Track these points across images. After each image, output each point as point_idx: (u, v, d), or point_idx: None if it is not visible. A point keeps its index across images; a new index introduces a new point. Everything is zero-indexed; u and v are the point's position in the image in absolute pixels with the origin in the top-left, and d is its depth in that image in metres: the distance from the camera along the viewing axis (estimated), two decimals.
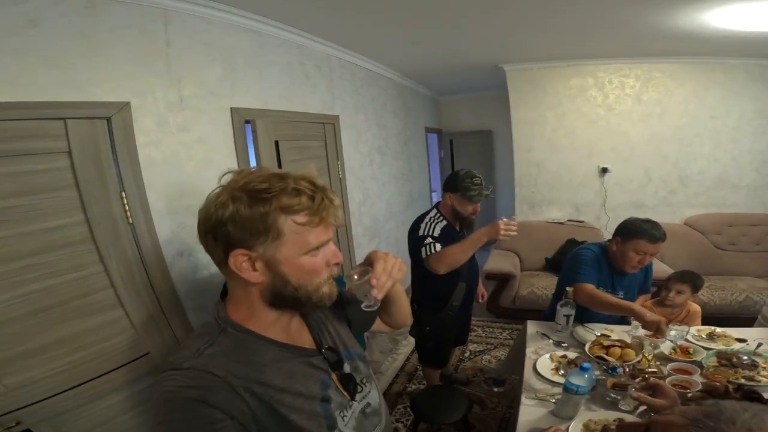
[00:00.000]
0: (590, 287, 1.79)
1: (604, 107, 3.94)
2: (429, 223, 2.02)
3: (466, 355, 3.09)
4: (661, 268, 3.04)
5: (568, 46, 3.35)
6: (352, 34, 2.72)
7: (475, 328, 3.42)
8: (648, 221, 1.82)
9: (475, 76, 4.49)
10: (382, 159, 3.87)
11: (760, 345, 1.61)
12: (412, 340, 2.81)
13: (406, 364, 3.01)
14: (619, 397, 1.33)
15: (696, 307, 2.17)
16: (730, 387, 1.24)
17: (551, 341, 1.81)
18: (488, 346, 3.20)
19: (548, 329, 1.91)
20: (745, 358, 1.50)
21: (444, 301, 2.12)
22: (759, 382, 1.35)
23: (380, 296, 0.73)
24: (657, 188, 3.99)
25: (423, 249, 1.93)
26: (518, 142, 4.23)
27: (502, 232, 1.78)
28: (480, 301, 2.54)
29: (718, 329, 1.82)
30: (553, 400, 1.38)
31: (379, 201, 3.78)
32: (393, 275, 0.75)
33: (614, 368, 1.46)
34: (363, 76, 3.54)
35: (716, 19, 2.50)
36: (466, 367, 2.93)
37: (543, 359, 1.64)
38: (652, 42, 3.15)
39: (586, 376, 1.24)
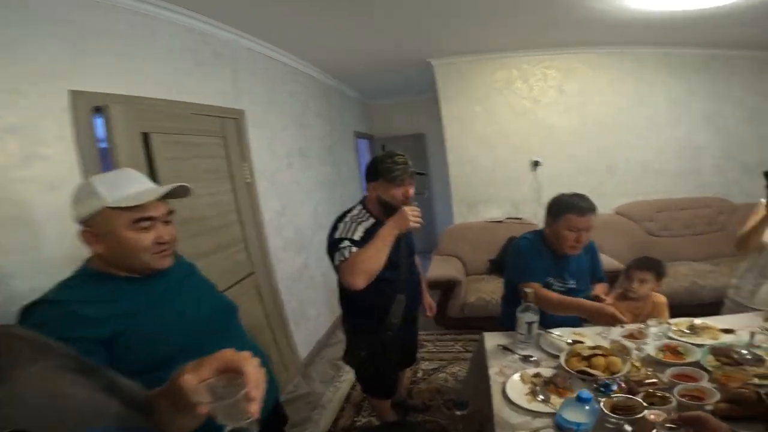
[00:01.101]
0: (535, 287, 1.62)
1: (530, 99, 3.88)
2: (350, 223, 1.62)
3: (419, 375, 2.71)
4: (603, 260, 2.89)
5: (491, 37, 3.26)
6: (264, 22, 2.44)
7: (425, 343, 3.06)
8: (574, 194, 1.71)
9: (405, 76, 4.33)
10: (305, 162, 3.40)
11: (753, 335, 1.37)
12: None
13: (351, 393, 2.60)
14: (623, 423, 0.98)
15: (662, 298, 2.01)
16: (762, 393, 0.94)
17: (517, 356, 1.51)
18: (442, 362, 2.86)
19: (509, 341, 1.60)
20: (745, 352, 1.24)
21: (380, 319, 1.73)
22: None
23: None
24: (587, 179, 3.92)
25: (336, 255, 1.53)
26: (451, 140, 4.04)
27: (412, 220, 1.52)
28: (428, 314, 2.14)
29: (697, 320, 1.60)
30: None
31: (303, 210, 3.29)
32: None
33: (607, 385, 1.11)
34: (280, 70, 3.13)
35: None
36: (421, 390, 2.55)
37: (513, 382, 1.31)
38: (569, 29, 3.11)
39: (587, 408, 0.92)
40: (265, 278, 2.57)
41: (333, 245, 1.56)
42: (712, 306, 2.28)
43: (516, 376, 1.31)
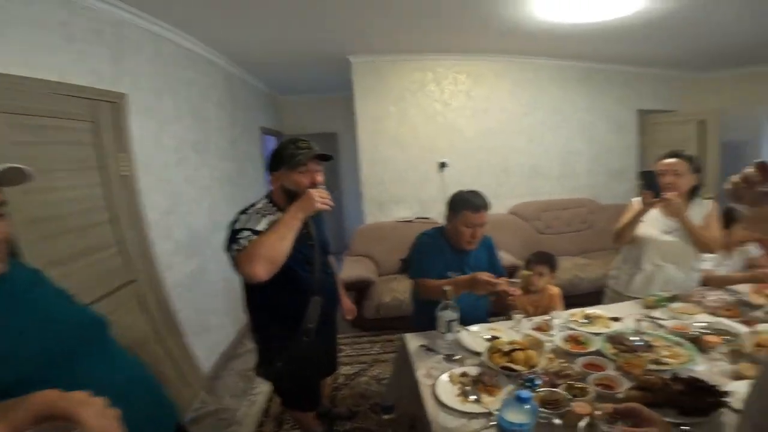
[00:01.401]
0: (422, 281, 1.75)
1: (440, 102, 4.02)
2: (253, 215, 1.44)
3: (340, 381, 2.58)
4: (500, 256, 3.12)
5: (413, 38, 3.28)
6: None
7: (342, 347, 2.95)
8: (471, 192, 1.78)
9: (321, 72, 4.17)
10: (201, 158, 3.02)
11: (639, 322, 1.54)
12: None
13: (270, 406, 2.38)
14: (553, 417, 1.01)
15: (556, 290, 2.19)
16: (665, 378, 1.03)
17: (441, 356, 1.47)
18: (362, 365, 2.78)
19: (431, 340, 1.56)
20: (636, 338, 1.38)
21: (294, 325, 1.56)
22: (669, 364, 1.20)
23: None
24: (488, 180, 4.22)
25: (233, 246, 1.35)
26: (364, 140, 4.00)
27: (318, 201, 1.41)
28: (348, 317, 2.04)
29: (589, 310, 1.75)
30: None
31: (197, 209, 2.91)
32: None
33: (531, 380, 1.13)
34: (176, 54, 2.74)
35: (541, 8, 2.64)
36: (344, 396, 2.43)
37: (442, 384, 1.26)
38: (482, 36, 3.28)
39: (527, 407, 0.89)
40: (149, 286, 2.20)
41: (231, 237, 1.37)
42: (593, 295, 2.58)
43: (444, 377, 1.29)
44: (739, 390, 1.02)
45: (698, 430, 0.92)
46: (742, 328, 1.40)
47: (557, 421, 1.00)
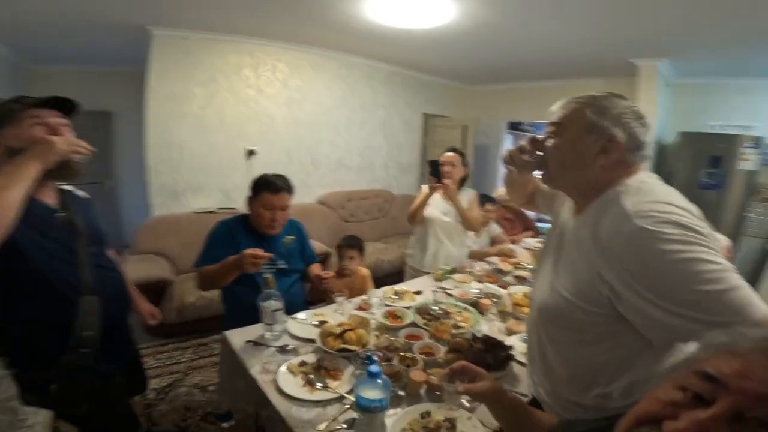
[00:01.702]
0: (203, 269, 1.67)
1: (255, 88, 3.84)
2: None
3: (151, 396, 2.19)
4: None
5: (235, 17, 3.03)
6: None
7: (145, 358, 2.44)
8: (273, 174, 1.79)
9: (100, 41, 3.41)
10: None
11: (435, 293, 1.87)
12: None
13: None
14: (397, 390, 1.15)
15: (366, 271, 2.37)
16: (468, 340, 1.30)
17: (273, 349, 1.42)
18: (175, 375, 2.42)
19: (257, 334, 1.48)
20: (436, 308, 1.68)
21: (64, 336, 1.18)
22: (464, 327, 1.51)
23: None
24: (297, 170, 4.25)
25: None
26: (155, 121, 3.40)
27: (63, 146, 1.11)
28: (151, 322, 1.70)
29: (396, 287, 2.01)
30: (344, 425, 1.05)
31: None
32: None
33: (369, 357, 1.22)
34: None
35: (372, 8, 2.75)
36: (163, 412, 2.09)
37: (284, 377, 1.23)
38: (308, 27, 3.27)
39: (380, 381, 0.95)
40: None
41: None
42: (394, 275, 2.98)
43: (284, 370, 1.26)
44: (515, 344, 1.38)
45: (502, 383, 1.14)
46: (503, 291, 1.91)
47: (402, 392, 1.13)
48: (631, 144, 0.86)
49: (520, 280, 2.16)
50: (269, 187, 1.68)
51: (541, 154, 0.96)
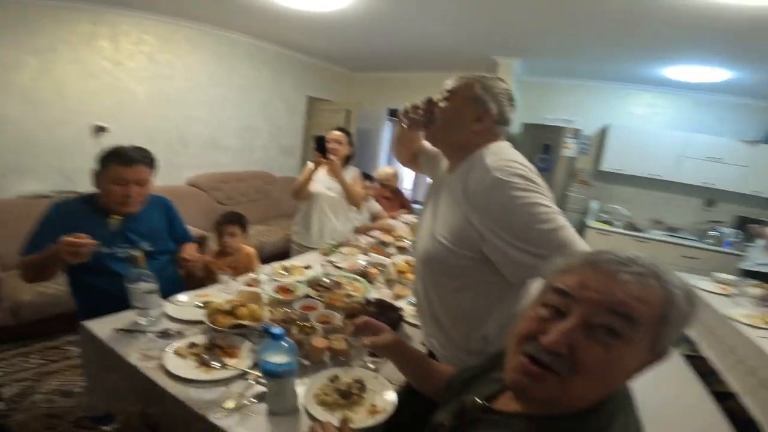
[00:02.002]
0: (27, 258, 1.40)
1: (112, 61, 3.39)
2: None
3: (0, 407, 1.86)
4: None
5: None
6: None
7: None
8: (129, 146, 1.54)
9: None
10: None
11: (324, 266, 1.93)
12: None
13: None
14: (302, 360, 1.16)
15: (251, 249, 2.30)
16: (361, 304, 1.39)
17: (151, 335, 1.27)
18: (24, 383, 2.06)
19: (128, 321, 1.31)
20: (327, 280, 1.74)
21: None
22: (356, 295, 1.61)
23: None
24: (160, 149, 3.76)
25: None
26: None
27: None
28: None
29: (285, 263, 2.01)
30: (253, 399, 1.02)
31: None
32: None
33: (266, 329, 1.19)
34: None
35: None
36: (21, 423, 1.81)
37: (173, 361, 1.13)
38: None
39: (285, 344, 0.94)
40: None
41: None
42: (279, 256, 2.93)
43: (170, 354, 1.15)
44: (404, 307, 1.51)
45: None
46: (387, 260, 2.06)
47: (306, 362, 1.15)
48: (500, 118, 1.07)
49: (402, 250, 2.37)
50: (120, 159, 1.43)
51: (430, 114, 1.14)
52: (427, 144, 1.33)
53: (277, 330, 0.94)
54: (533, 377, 0.55)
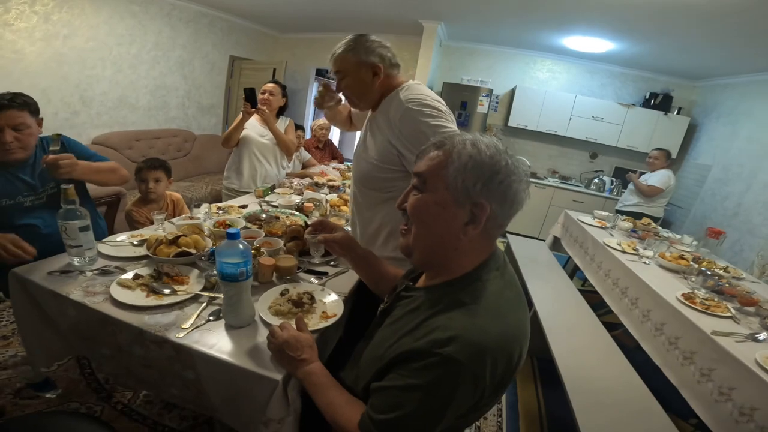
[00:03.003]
0: None
1: None
2: None
3: None
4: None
5: None
6: None
7: None
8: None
9: None
10: None
11: (260, 205, 2.02)
12: None
13: None
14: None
15: (178, 195, 2.25)
16: (301, 224, 1.53)
17: (90, 273, 1.23)
18: None
19: (60, 263, 1.26)
20: (264, 216, 1.83)
21: None
22: (297, 223, 1.72)
23: None
24: (58, 109, 3.58)
25: None
26: None
27: None
28: None
29: (220, 204, 2.04)
30: (210, 317, 1.07)
31: None
32: None
33: (213, 252, 1.29)
34: None
35: None
36: None
37: (118, 292, 1.11)
38: None
39: (242, 246, 0.96)
40: None
41: None
42: (212, 201, 2.89)
43: (116, 289, 1.12)
44: None
45: None
46: (322, 195, 2.21)
47: (255, 282, 1.23)
48: (389, 63, 1.31)
49: (334, 189, 2.55)
50: None
51: (333, 93, 1.45)
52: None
53: (232, 230, 0.95)
54: (401, 233, 0.82)
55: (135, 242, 1.46)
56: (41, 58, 3.33)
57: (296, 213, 1.93)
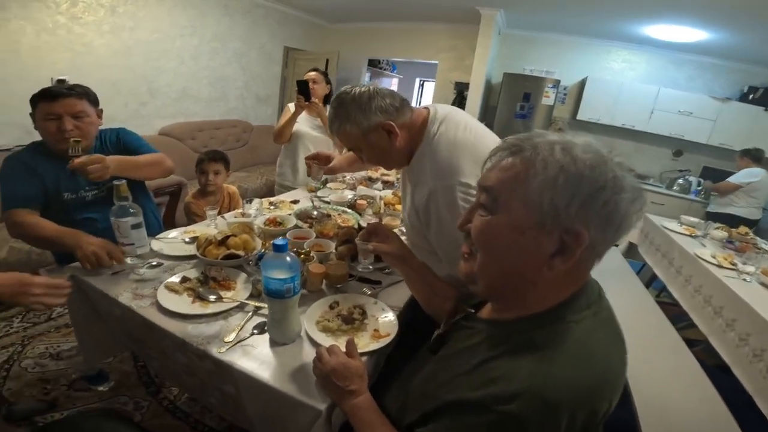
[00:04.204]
0: (21, 216, 1.32)
1: (67, 15, 3.15)
2: None
3: None
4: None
5: None
6: None
7: None
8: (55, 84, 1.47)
9: None
10: None
11: (312, 201, 1.93)
12: None
13: None
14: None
15: (233, 188, 2.30)
16: (355, 227, 1.41)
17: (141, 272, 1.21)
18: (8, 349, 1.92)
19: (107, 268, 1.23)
20: (315, 213, 1.75)
21: None
22: (349, 222, 1.63)
23: None
24: (128, 101, 3.72)
25: None
26: None
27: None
28: None
29: (271, 199, 2.00)
30: (254, 331, 0.99)
31: None
32: None
33: (262, 257, 1.21)
34: None
35: None
36: (14, 391, 1.67)
37: (167, 298, 1.07)
38: None
39: (289, 259, 0.87)
40: None
41: None
42: (267, 195, 2.90)
43: (163, 294, 1.09)
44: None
45: None
46: (376, 192, 2.08)
47: (303, 291, 1.14)
48: (395, 114, 1.04)
49: (388, 185, 2.41)
50: (45, 95, 1.34)
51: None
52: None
53: (280, 241, 0.87)
54: (463, 258, 0.66)
55: (187, 239, 1.45)
56: (109, 50, 3.46)
57: (348, 211, 1.82)
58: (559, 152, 0.54)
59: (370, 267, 1.21)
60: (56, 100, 1.33)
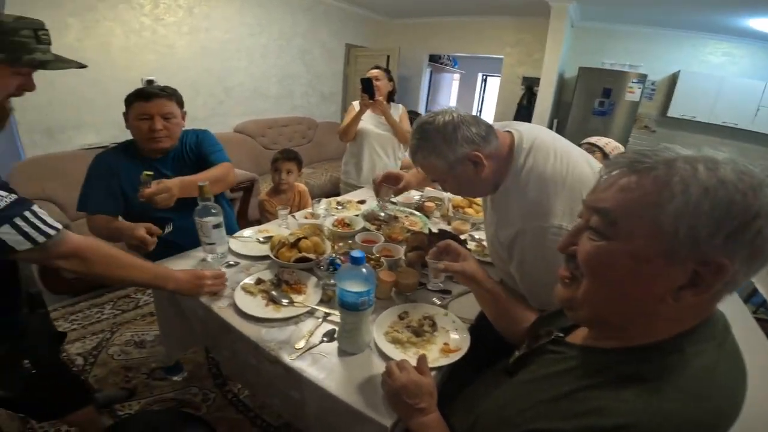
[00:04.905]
0: (100, 220, 1.40)
1: (151, 17, 3.33)
2: None
3: (78, 362, 1.88)
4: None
5: None
6: None
7: (56, 323, 2.06)
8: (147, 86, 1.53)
9: None
10: None
11: (379, 202, 1.89)
12: None
13: None
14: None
15: (303, 187, 2.32)
16: (425, 234, 1.35)
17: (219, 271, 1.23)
18: (99, 335, 2.06)
19: (197, 261, 1.33)
20: (382, 215, 1.71)
21: (14, 296, 1.02)
22: (417, 225, 1.58)
23: None
24: (207, 100, 3.93)
25: None
26: None
27: None
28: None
29: (338, 198, 2.00)
30: (324, 338, 0.99)
31: None
32: None
33: (332, 262, 1.21)
34: None
35: None
36: (99, 377, 1.79)
37: (243, 299, 1.10)
38: None
39: (365, 271, 0.86)
40: None
41: None
42: (328, 196, 2.94)
43: (240, 295, 1.12)
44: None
45: None
46: (444, 194, 2.00)
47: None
48: (481, 144, 0.97)
49: None
50: (140, 95, 1.40)
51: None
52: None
53: (357, 253, 0.86)
54: (562, 282, 0.59)
55: (261, 239, 1.49)
56: (189, 51, 3.63)
57: (416, 213, 1.77)
58: (703, 172, 0.45)
59: (441, 285, 1.17)
60: (150, 101, 1.40)
